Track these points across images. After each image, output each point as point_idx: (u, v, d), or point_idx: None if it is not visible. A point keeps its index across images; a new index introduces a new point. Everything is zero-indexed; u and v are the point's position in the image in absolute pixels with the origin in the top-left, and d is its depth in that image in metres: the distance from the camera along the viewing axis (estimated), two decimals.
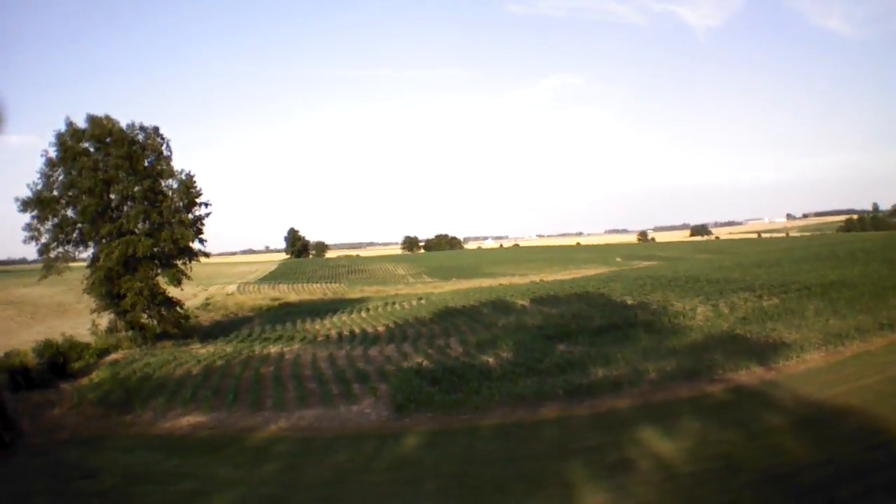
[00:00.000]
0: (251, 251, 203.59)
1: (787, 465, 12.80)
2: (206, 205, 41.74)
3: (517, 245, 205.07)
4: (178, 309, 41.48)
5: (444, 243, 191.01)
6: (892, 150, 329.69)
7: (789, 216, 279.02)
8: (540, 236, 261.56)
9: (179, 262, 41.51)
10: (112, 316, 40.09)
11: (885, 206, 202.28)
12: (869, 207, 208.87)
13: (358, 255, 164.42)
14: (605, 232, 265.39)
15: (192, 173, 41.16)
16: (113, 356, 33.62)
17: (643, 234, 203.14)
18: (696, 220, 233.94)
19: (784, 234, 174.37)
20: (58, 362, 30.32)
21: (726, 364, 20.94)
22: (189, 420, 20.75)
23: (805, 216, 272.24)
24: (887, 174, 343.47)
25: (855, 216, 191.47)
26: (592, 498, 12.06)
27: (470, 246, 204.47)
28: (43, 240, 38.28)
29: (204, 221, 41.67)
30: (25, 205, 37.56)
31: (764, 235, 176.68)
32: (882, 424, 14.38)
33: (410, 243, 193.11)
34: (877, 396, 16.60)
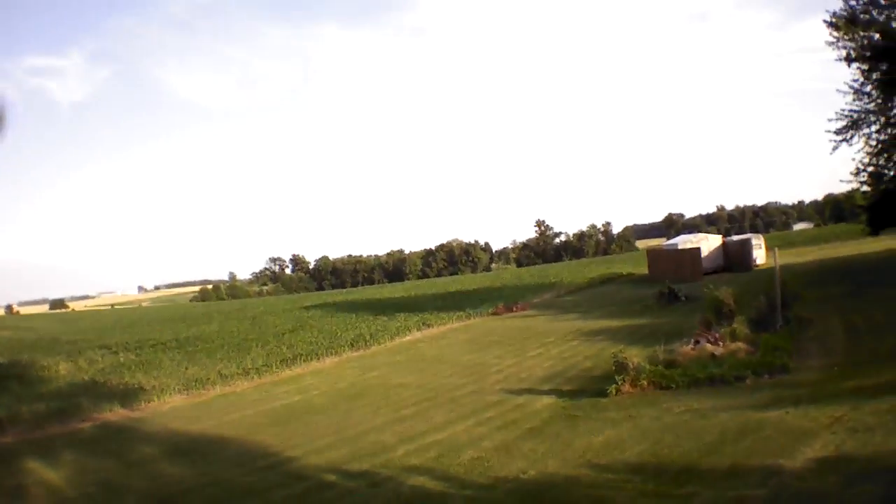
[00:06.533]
0: None
1: (171, 487, 13.47)
2: None
3: None
4: None
5: None
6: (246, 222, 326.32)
7: (141, 288, 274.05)
8: None
9: None
10: None
11: (244, 274, 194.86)
12: (227, 277, 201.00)
13: None
14: None
15: None
16: None
17: (9, 308, 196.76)
18: (55, 296, 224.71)
19: (137, 305, 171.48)
20: None
21: (92, 407, 22.44)
22: None
23: (157, 288, 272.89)
24: (244, 244, 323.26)
25: (210, 285, 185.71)
26: None
27: None
28: None
29: None
30: None
31: (116, 307, 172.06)
32: (263, 451, 15.47)
33: None
34: (250, 427, 18.11)
